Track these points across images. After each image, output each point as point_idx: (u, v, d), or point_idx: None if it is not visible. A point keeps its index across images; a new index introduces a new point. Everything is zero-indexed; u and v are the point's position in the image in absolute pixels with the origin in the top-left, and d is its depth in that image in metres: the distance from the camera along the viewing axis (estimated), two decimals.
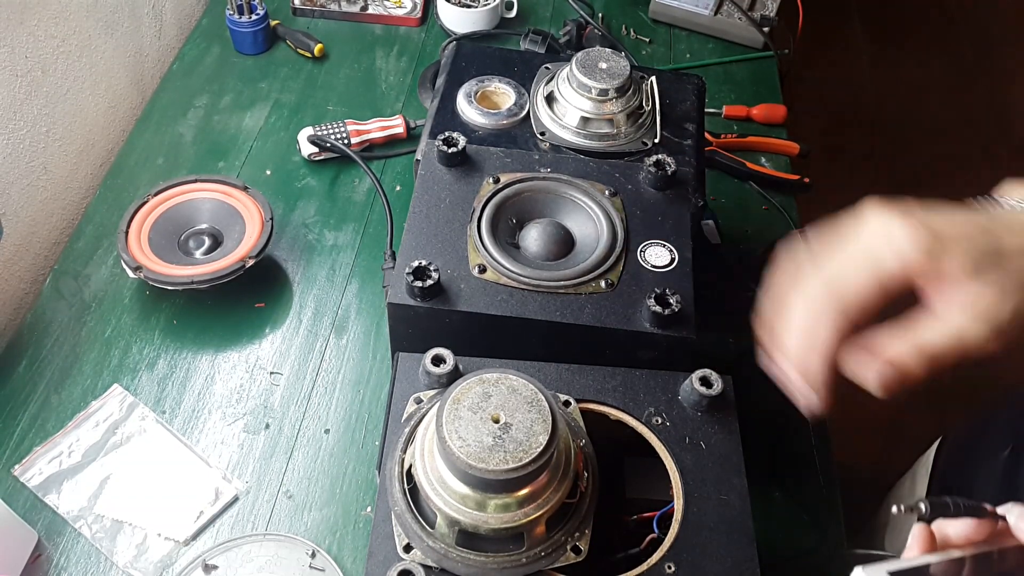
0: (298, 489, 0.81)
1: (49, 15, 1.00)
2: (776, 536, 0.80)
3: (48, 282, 0.95)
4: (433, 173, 0.75)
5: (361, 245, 1.02)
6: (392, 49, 1.27)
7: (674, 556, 0.54)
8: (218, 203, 0.95)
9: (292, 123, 1.14)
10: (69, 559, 0.76)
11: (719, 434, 0.60)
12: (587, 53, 0.79)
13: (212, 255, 0.91)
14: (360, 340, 0.93)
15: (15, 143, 0.97)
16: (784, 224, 1.07)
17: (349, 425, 0.86)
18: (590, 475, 0.57)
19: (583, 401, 0.61)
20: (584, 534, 0.55)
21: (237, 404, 0.87)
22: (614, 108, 0.78)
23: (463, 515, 0.52)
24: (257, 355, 0.91)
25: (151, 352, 0.90)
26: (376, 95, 1.20)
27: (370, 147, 1.11)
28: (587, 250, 0.71)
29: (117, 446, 0.83)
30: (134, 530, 0.77)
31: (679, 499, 0.57)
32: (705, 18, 1.31)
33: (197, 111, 1.15)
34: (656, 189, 0.75)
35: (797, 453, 0.87)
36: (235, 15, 1.19)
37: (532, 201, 0.75)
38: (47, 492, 0.79)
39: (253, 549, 0.77)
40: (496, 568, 0.53)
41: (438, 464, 0.52)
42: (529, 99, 0.83)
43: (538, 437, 0.51)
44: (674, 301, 0.65)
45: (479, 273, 0.68)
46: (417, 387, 0.61)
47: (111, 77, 1.14)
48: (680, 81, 0.87)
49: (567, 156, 0.78)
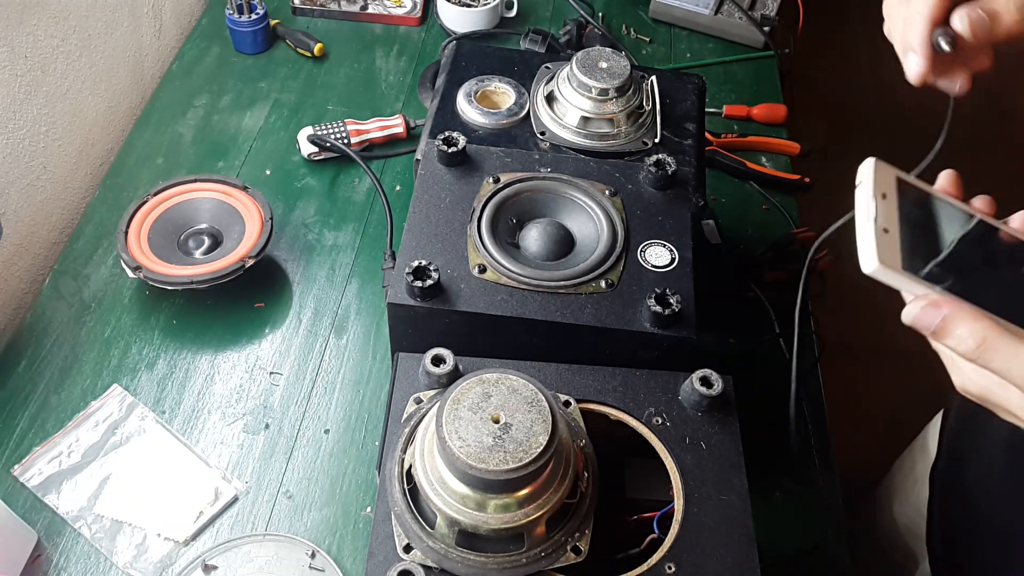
0: (298, 489, 0.81)
1: (49, 15, 1.00)
2: (776, 536, 0.80)
3: (48, 282, 0.95)
4: (433, 173, 0.75)
5: (361, 245, 1.01)
6: (392, 49, 1.27)
7: (674, 556, 0.54)
8: (218, 203, 0.95)
9: (292, 123, 1.14)
10: (69, 559, 0.76)
11: (719, 434, 0.60)
12: (587, 53, 0.79)
13: (212, 255, 0.91)
14: (360, 340, 0.93)
15: (15, 143, 0.97)
16: (784, 224, 1.07)
17: (349, 425, 0.86)
18: (590, 475, 0.57)
19: (583, 401, 0.61)
20: (584, 534, 0.55)
21: (237, 404, 0.87)
22: (614, 108, 0.78)
23: (463, 515, 0.52)
24: (257, 355, 0.91)
25: (151, 352, 0.90)
26: (376, 95, 1.20)
27: (370, 147, 1.11)
28: (587, 250, 0.71)
29: (117, 446, 0.83)
30: (134, 530, 0.77)
31: (679, 499, 0.57)
32: (705, 18, 1.31)
33: (197, 111, 1.15)
34: (656, 189, 0.75)
35: (797, 453, 0.87)
36: (235, 15, 1.19)
37: (532, 201, 0.74)
38: (47, 492, 0.79)
39: (253, 549, 0.77)
40: (496, 568, 0.53)
41: (438, 464, 0.52)
42: (529, 99, 0.83)
43: (538, 437, 0.51)
44: (674, 301, 0.65)
45: (479, 273, 0.68)
46: (417, 387, 0.61)
47: (111, 77, 1.14)
48: (680, 81, 0.87)
49: (567, 156, 0.78)
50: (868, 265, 0.45)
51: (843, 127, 2.31)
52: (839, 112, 2.36)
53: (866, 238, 0.45)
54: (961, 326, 0.43)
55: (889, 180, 0.48)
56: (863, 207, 0.46)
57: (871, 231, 0.45)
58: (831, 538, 0.81)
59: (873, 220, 0.45)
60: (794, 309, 0.66)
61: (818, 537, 0.81)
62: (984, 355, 0.43)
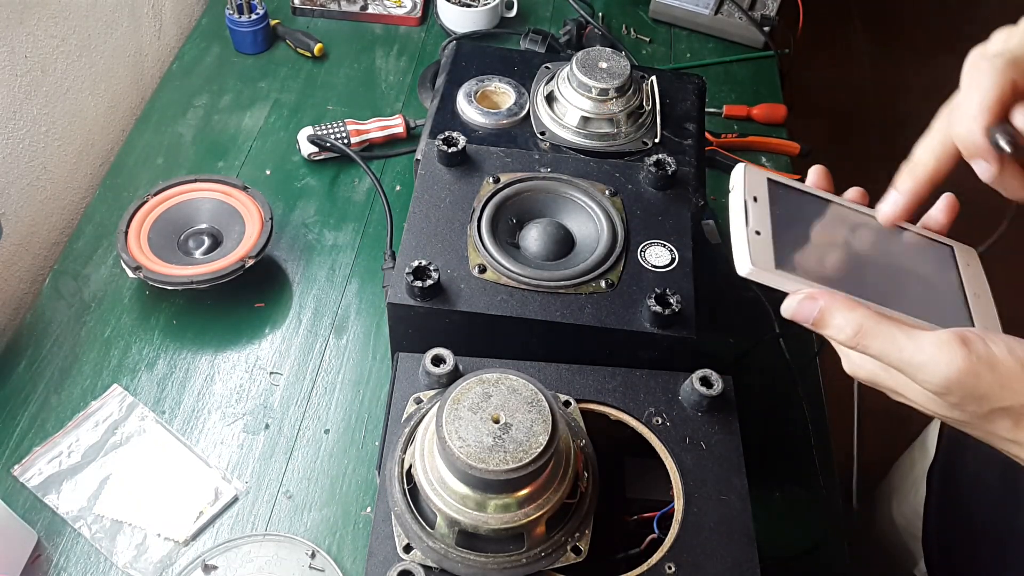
0: (298, 489, 0.81)
1: (49, 15, 1.00)
2: (776, 536, 0.80)
3: (48, 282, 0.95)
4: (433, 173, 0.75)
5: (361, 245, 1.01)
6: (392, 49, 1.27)
7: (674, 556, 0.54)
8: (218, 203, 0.95)
9: (292, 123, 1.14)
10: (69, 559, 0.76)
11: (719, 434, 0.60)
12: (587, 53, 0.79)
13: (212, 255, 0.91)
14: (360, 340, 0.93)
15: (15, 143, 0.97)
16: None
17: (349, 425, 0.86)
18: (590, 475, 0.57)
19: (583, 401, 0.61)
20: (584, 534, 0.54)
21: (237, 404, 0.87)
22: (614, 108, 0.78)
23: (463, 515, 0.52)
24: (257, 355, 0.91)
25: (151, 352, 0.90)
26: (376, 95, 1.20)
27: (370, 147, 1.11)
28: (587, 250, 0.71)
29: (117, 446, 0.83)
30: (134, 530, 0.77)
31: (679, 499, 0.57)
32: (705, 18, 1.31)
33: (197, 111, 1.15)
34: (656, 189, 0.75)
35: (797, 453, 0.87)
36: (235, 15, 1.19)
37: (532, 201, 0.74)
38: (47, 492, 0.79)
39: (253, 549, 0.77)
40: (496, 568, 0.53)
41: (438, 464, 0.52)
42: (529, 99, 0.83)
43: (538, 437, 0.51)
44: (674, 301, 0.65)
45: (479, 273, 0.68)
46: (417, 387, 0.61)
47: (111, 77, 1.14)
48: (680, 81, 0.87)
49: (567, 156, 0.78)
50: (742, 268, 0.46)
51: (843, 127, 2.31)
52: (839, 112, 2.36)
53: (739, 242, 0.47)
54: (837, 315, 0.44)
55: (760, 183, 0.50)
56: (736, 212, 0.48)
57: (743, 235, 0.47)
58: (831, 538, 0.81)
59: (744, 224, 0.47)
60: None
61: (818, 537, 0.81)
62: (862, 342, 0.44)
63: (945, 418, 0.46)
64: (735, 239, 0.47)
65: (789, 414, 0.90)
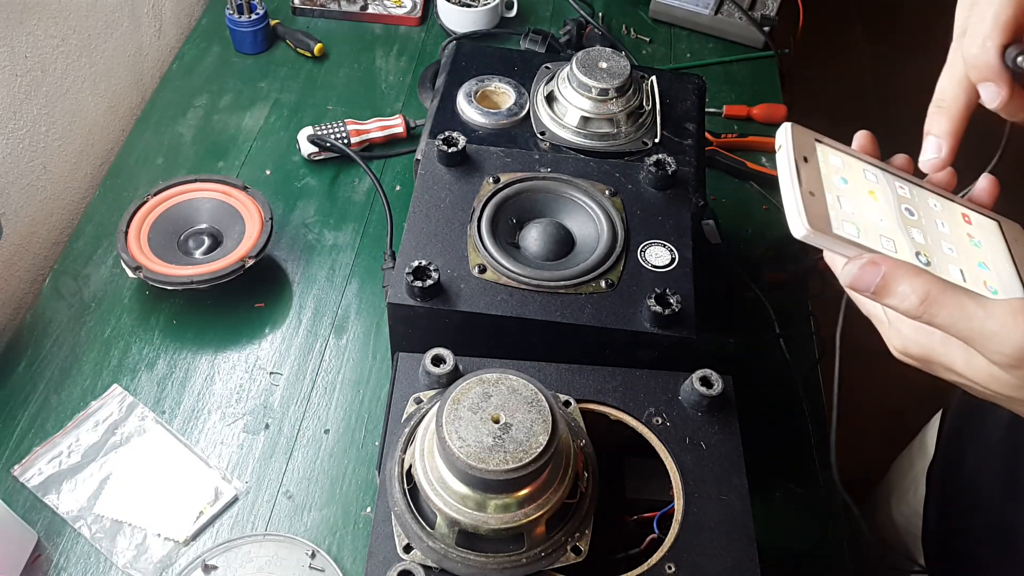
0: (298, 489, 0.81)
1: (49, 15, 1.00)
2: (776, 536, 0.80)
3: (48, 282, 0.95)
4: (433, 173, 0.75)
5: (361, 245, 1.01)
6: (392, 49, 1.27)
7: (674, 556, 0.54)
8: (218, 203, 0.95)
9: (292, 123, 1.14)
10: (69, 559, 0.76)
11: (719, 434, 0.60)
12: (587, 53, 0.79)
13: (212, 255, 0.91)
14: (360, 340, 0.93)
15: (15, 143, 0.97)
16: (784, 224, 1.06)
17: (349, 425, 0.86)
18: (590, 475, 0.57)
19: (583, 401, 0.61)
20: (584, 534, 0.54)
21: (237, 404, 0.87)
22: (614, 108, 0.78)
23: (463, 515, 0.52)
24: (257, 355, 0.91)
25: (151, 352, 0.90)
26: (376, 95, 1.20)
27: (370, 147, 1.11)
28: (587, 250, 0.71)
29: (117, 446, 0.83)
30: (134, 530, 0.77)
31: (679, 499, 0.57)
32: (705, 18, 1.31)
33: (197, 111, 1.15)
34: (656, 189, 0.75)
35: (797, 453, 0.87)
36: (235, 15, 1.19)
37: (532, 201, 0.74)
38: (47, 492, 0.79)
39: (253, 549, 0.77)
40: (496, 568, 0.53)
41: (438, 464, 0.52)
42: (529, 99, 0.83)
43: (538, 437, 0.51)
44: (674, 301, 0.65)
45: (479, 273, 0.68)
46: (417, 387, 0.61)
47: (111, 77, 1.14)
48: (680, 81, 0.87)
49: (567, 156, 0.78)
50: (798, 230, 0.43)
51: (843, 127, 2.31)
52: (839, 112, 2.36)
53: (792, 203, 0.44)
54: (902, 282, 0.41)
55: (809, 143, 0.47)
56: (786, 172, 0.45)
57: (797, 196, 0.44)
58: (831, 538, 0.81)
59: (797, 184, 0.44)
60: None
61: (818, 537, 0.81)
62: (929, 310, 0.41)
63: (1003, 397, 0.43)
64: (787, 200, 0.44)
65: (789, 414, 0.90)
